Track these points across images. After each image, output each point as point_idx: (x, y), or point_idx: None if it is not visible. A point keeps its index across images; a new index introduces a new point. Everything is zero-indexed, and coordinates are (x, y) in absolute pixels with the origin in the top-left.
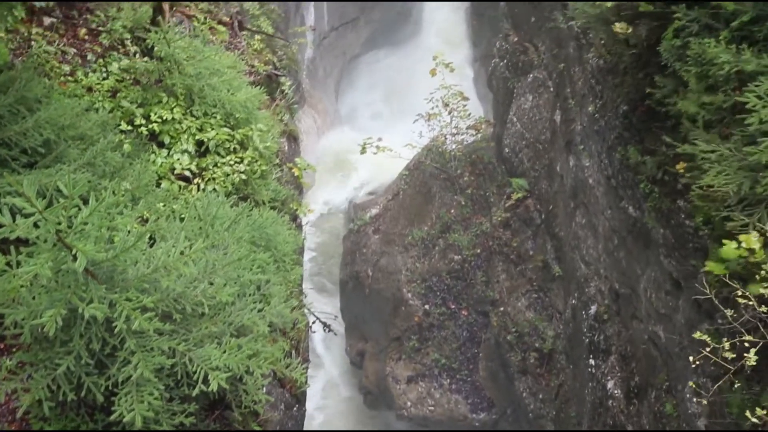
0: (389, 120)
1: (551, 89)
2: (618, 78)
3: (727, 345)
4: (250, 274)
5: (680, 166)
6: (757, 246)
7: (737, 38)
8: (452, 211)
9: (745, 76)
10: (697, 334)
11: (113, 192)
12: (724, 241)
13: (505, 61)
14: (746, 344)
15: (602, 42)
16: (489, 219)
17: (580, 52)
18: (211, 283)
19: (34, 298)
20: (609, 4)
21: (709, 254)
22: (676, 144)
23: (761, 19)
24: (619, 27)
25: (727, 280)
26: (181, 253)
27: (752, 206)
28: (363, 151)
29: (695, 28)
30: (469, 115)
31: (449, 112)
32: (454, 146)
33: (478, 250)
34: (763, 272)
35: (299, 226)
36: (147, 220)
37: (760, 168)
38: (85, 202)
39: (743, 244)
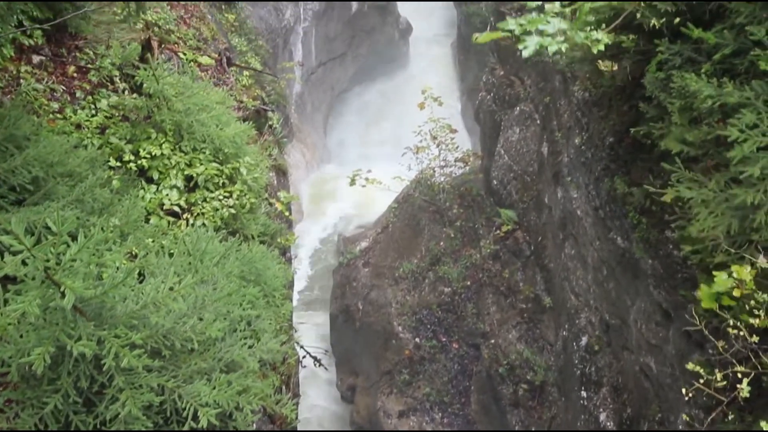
0: (378, 153)
1: (538, 122)
2: (603, 110)
3: (719, 376)
4: (240, 310)
5: (667, 197)
6: (748, 278)
7: (719, 71)
8: (441, 243)
9: (728, 109)
10: (689, 366)
11: (102, 228)
12: (715, 273)
13: (491, 94)
14: (738, 375)
15: (587, 76)
16: (478, 251)
17: (566, 85)
18: (201, 319)
19: (21, 336)
20: (594, 50)
21: (698, 285)
22: (671, 169)
23: (742, 52)
24: (604, 65)
25: (717, 310)
26: (171, 288)
27: (742, 247)
28: (352, 183)
29: (678, 62)
30: (457, 147)
31: (437, 145)
32: (442, 179)
33: (468, 283)
34: (753, 302)
35: (289, 260)
36: (136, 256)
37: (747, 208)
38: (74, 238)
39: (734, 275)
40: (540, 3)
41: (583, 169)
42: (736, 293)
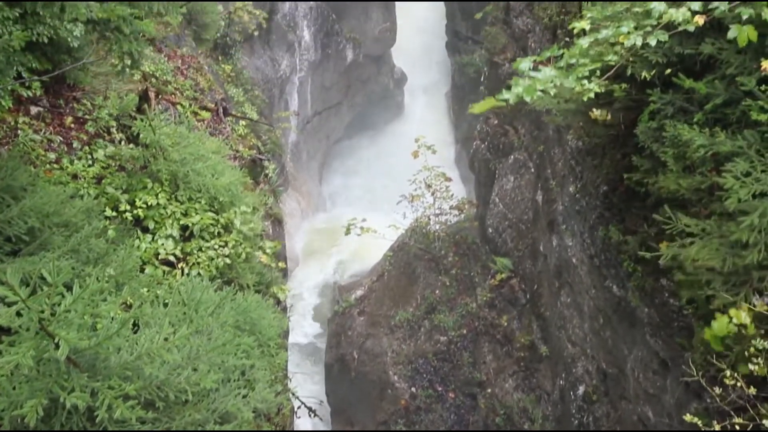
0: (373, 202)
1: (532, 170)
2: (597, 159)
3: (717, 427)
4: (235, 360)
5: (663, 245)
6: (747, 321)
7: (711, 121)
8: (437, 291)
9: (721, 158)
10: (687, 417)
11: (97, 279)
12: (717, 314)
13: (486, 143)
14: (737, 426)
15: (580, 125)
16: (474, 299)
17: (559, 134)
18: (195, 370)
19: (14, 388)
20: (585, 98)
21: (695, 333)
22: (662, 219)
23: (733, 102)
24: (596, 114)
25: (714, 360)
26: (165, 339)
27: (737, 286)
28: (347, 231)
29: (670, 111)
30: (452, 195)
31: (432, 194)
32: (437, 227)
33: (464, 331)
34: (752, 349)
35: (284, 310)
36: (131, 306)
37: (741, 246)
38: (69, 289)
39: (734, 320)
40: (529, 59)
41: (578, 217)
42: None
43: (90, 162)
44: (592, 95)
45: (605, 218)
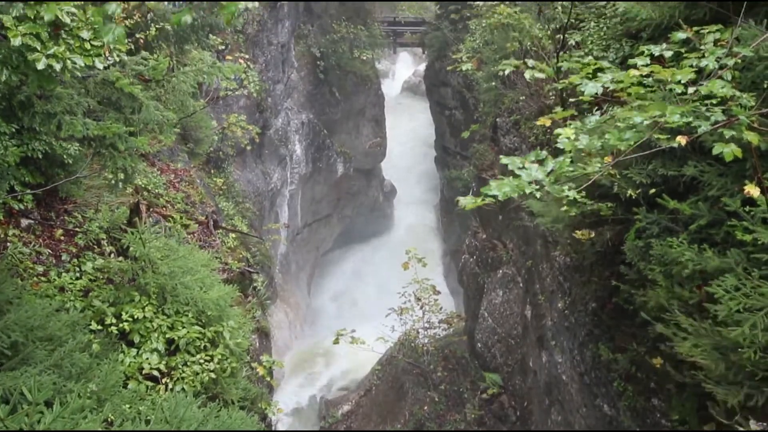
0: (361, 314)
1: (521, 285)
2: (585, 276)
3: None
4: None
5: (657, 361)
6: None
7: (697, 240)
8: (425, 407)
9: (708, 276)
10: None
11: (78, 395)
12: None
13: (474, 257)
14: None
15: (567, 241)
16: (463, 416)
17: (547, 250)
18: None
19: None
20: (573, 212)
21: None
22: (652, 323)
23: (717, 223)
24: (580, 234)
25: None
26: None
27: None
28: (336, 341)
29: (656, 230)
30: (441, 309)
31: (421, 307)
32: (426, 340)
33: None
34: None
35: (269, 426)
36: (112, 424)
37: (734, 348)
38: (50, 405)
39: None
40: (518, 159)
41: (567, 333)
42: None
43: (78, 274)
44: (573, 213)
45: (595, 335)
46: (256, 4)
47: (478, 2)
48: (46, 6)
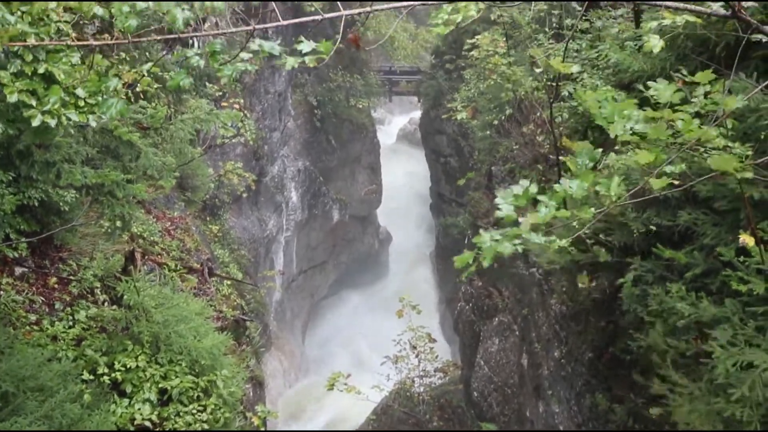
0: (356, 362)
1: (517, 333)
2: (581, 325)
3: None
4: None
5: (656, 412)
6: None
7: (692, 289)
8: None
9: (705, 325)
10: None
11: None
12: None
13: (470, 304)
14: None
15: (563, 289)
16: None
17: (543, 298)
18: None
19: None
20: (567, 256)
21: None
22: (647, 384)
23: (713, 272)
24: (581, 281)
25: None
26: None
27: None
28: (330, 387)
29: (651, 278)
30: (437, 357)
31: (417, 355)
32: (422, 389)
33: None
34: None
35: None
36: None
37: (731, 420)
38: None
39: None
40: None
41: (564, 383)
42: None
43: (71, 323)
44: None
45: (592, 385)
46: (256, 66)
47: (472, 53)
48: (45, 61)
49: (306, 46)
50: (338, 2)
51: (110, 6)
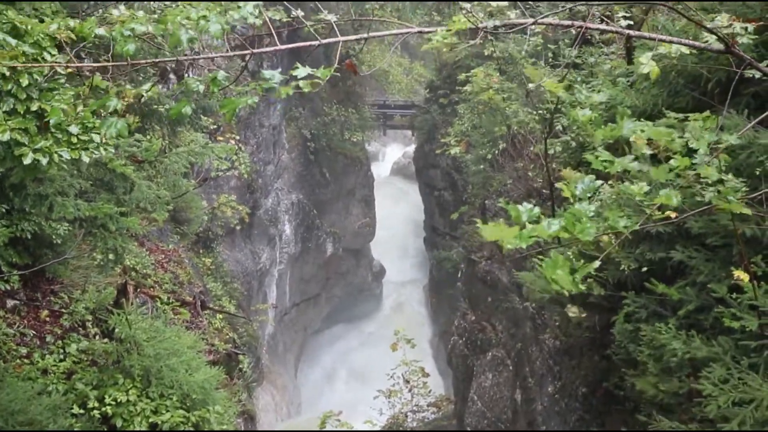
0: (348, 396)
1: (510, 368)
2: (575, 360)
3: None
4: None
5: None
6: None
7: (685, 325)
8: None
9: (698, 363)
10: None
11: None
12: None
13: (463, 339)
14: None
15: (557, 324)
16: None
17: (536, 332)
18: None
19: None
20: (564, 292)
21: None
22: (644, 420)
23: (706, 308)
24: (572, 311)
25: None
26: None
27: None
28: (322, 424)
29: (644, 314)
30: (430, 392)
31: (410, 390)
32: (415, 424)
33: None
34: None
35: None
36: None
37: None
38: None
39: None
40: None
41: (558, 418)
42: None
43: (62, 356)
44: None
45: (586, 421)
46: (257, 99)
47: (466, 87)
48: (39, 99)
49: (302, 71)
50: (334, 26)
51: (111, 30)
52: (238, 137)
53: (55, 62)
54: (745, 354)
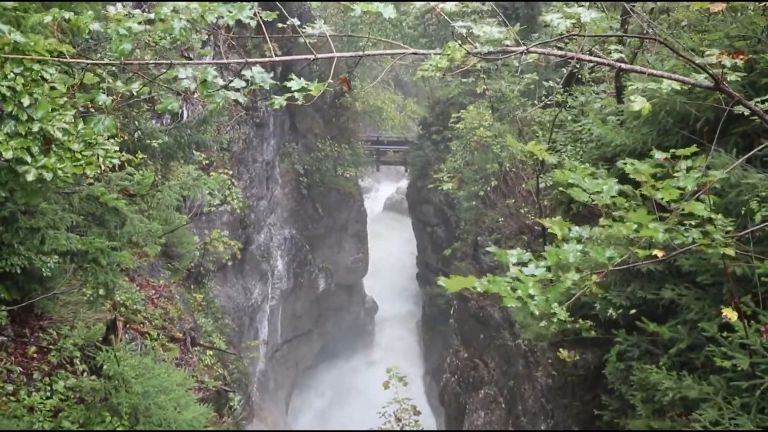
0: None
1: (503, 406)
2: (567, 398)
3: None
4: None
5: None
6: None
7: (677, 364)
8: None
9: (690, 402)
10: None
11: None
12: None
13: (456, 376)
14: None
15: (549, 362)
16: None
17: (529, 370)
18: None
19: None
20: (553, 328)
21: None
22: None
23: (697, 347)
24: (564, 355)
25: None
26: None
27: None
28: None
29: (636, 353)
30: (422, 430)
31: (402, 428)
32: None
33: None
34: None
35: None
36: None
37: None
38: None
39: None
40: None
41: None
42: None
43: (48, 394)
44: (553, 327)
45: None
46: (248, 97)
47: (458, 125)
48: (40, 120)
49: (296, 84)
50: (329, 39)
51: (107, 27)
52: (231, 172)
53: (50, 57)
54: (736, 394)
